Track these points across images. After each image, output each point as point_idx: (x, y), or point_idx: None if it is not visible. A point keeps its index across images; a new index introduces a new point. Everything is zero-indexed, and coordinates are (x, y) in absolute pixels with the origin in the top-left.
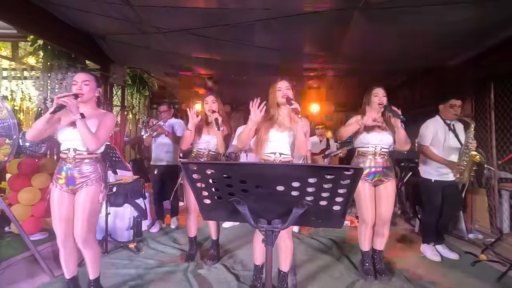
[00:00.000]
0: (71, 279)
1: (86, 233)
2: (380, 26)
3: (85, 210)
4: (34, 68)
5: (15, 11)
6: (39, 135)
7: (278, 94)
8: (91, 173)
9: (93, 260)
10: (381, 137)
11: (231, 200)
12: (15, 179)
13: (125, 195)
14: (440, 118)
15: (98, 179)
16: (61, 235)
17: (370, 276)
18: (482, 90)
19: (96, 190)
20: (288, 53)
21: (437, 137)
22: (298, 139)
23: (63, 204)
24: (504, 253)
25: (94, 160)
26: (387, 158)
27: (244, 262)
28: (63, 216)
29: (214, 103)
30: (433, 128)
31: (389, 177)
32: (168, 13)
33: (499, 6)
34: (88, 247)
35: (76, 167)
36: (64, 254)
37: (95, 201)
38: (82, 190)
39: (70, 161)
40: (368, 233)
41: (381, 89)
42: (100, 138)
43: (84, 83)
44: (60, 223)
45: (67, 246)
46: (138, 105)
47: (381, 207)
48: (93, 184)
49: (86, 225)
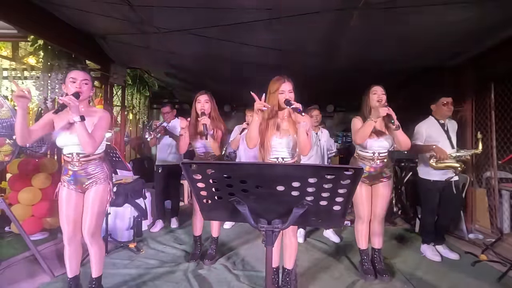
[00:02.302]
0: (73, 278)
1: (94, 229)
2: (380, 26)
3: (94, 207)
4: (35, 68)
5: (15, 11)
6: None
7: (280, 97)
8: (98, 173)
9: (98, 258)
10: (379, 143)
11: (231, 200)
12: (15, 179)
13: (125, 195)
14: (433, 119)
15: (106, 178)
16: (68, 233)
17: (370, 275)
18: (482, 90)
19: (105, 188)
20: (289, 53)
21: (432, 138)
22: (300, 140)
23: (71, 203)
24: (504, 253)
25: (99, 160)
26: (386, 160)
27: (244, 262)
28: (71, 214)
29: (207, 103)
30: (427, 128)
31: (386, 176)
32: (168, 13)
33: (499, 6)
34: (95, 243)
35: (83, 169)
36: (69, 252)
37: (105, 199)
38: (91, 188)
39: (76, 163)
40: (364, 230)
41: (379, 87)
42: (97, 140)
43: (84, 82)
44: (68, 221)
45: (72, 244)
46: (138, 105)
47: (376, 205)
48: (102, 183)
49: (95, 221)
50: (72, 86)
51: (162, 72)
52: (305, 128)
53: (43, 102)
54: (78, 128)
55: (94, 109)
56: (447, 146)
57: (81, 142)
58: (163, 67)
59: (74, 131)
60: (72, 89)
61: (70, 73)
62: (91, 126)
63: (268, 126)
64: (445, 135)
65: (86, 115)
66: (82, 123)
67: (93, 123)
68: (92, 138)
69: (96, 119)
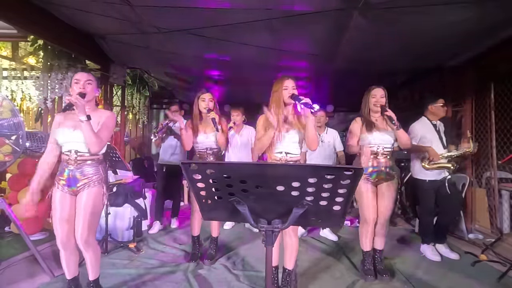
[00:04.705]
0: (72, 279)
1: (87, 235)
2: (380, 26)
3: (86, 212)
4: (34, 68)
5: (15, 11)
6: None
7: (284, 93)
8: (93, 175)
9: (94, 261)
10: (382, 136)
11: (231, 200)
12: (15, 179)
13: (125, 195)
14: (426, 119)
15: (100, 181)
16: (62, 237)
17: (370, 276)
18: (482, 90)
19: (98, 191)
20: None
21: (426, 138)
22: (309, 134)
23: (65, 206)
24: (504, 253)
25: (96, 162)
26: (389, 157)
27: (244, 262)
28: (65, 217)
29: (211, 101)
30: (421, 128)
31: (391, 177)
32: (168, 13)
33: (499, 6)
34: (89, 249)
35: (78, 168)
36: (65, 255)
37: (97, 202)
38: (84, 191)
39: (72, 162)
40: (369, 233)
41: (380, 90)
42: (103, 140)
43: (87, 82)
44: (62, 225)
45: (68, 248)
46: (138, 105)
47: (382, 206)
48: (95, 186)
49: (87, 226)
50: (76, 87)
51: (162, 72)
52: (314, 123)
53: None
54: (84, 128)
55: (100, 109)
56: (439, 146)
57: (87, 141)
58: (163, 67)
59: (78, 129)
60: (76, 90)
61: (75, 75)
62: (97, 126)
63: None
64: (437, 135)
65: (93, 115)
66: (88, 122)
67: (98, 123)
68: (99, 138)
69: (102, 119)
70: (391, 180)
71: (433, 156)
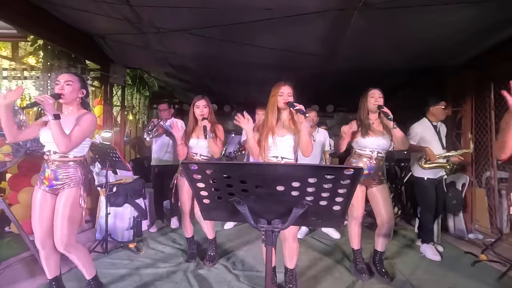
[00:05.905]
0: (53, 279)
1: (66, 238)
2: (380, 26)
3: (64, 214)
4: (34, 68)
5: (15, 11)
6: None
7: (279, 99)
8: (70, 176)
9: (83, 261)
10: (377, 141)
11: (231, 200)
12: (15, 179)
13: (125, 195)
14: (427, 120)
15: (78, 182)
16: (40, 235)
17: (364, 274)
18: (482, 90)
19: (75, 193)
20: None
21: (426, 139)
22: (302, 140)
23: (45, 205)
24: (504, 253)
25: (76, 163)
26: (382, 163)
27: (244, 262)
28: (44, 216)
29: (206, 108)
30: (422, 129)
31: (380, 181)
32: (168, 13)
33: (499, 6)
34: (72, 251)
35: (59, 168)
36: (44, 254)
37: (75, 205)
38: (62, 192)
39: (51, 163)
40: (357, 230)
41: (377, 91)
42: (73, 140)
43: (67, 83)
44: (40, 223)
45: (46, 246)
46: (138, 105)
47: (381, 208)
48: (72, 187)
49: (66, 229)
50: (56, 88)
51: (162, 72)
52: (308, 130)
53: None
54: (52, 126)
55: (83, 111)
56: (438, 147)
57: (54, 140)
58: (163, 67)
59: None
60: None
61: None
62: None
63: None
64: (437, 136)
65: (73, 117)
66: (57, 121)
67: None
68: (67, 138)
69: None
70: (382, 184)
71: (430, 156)
